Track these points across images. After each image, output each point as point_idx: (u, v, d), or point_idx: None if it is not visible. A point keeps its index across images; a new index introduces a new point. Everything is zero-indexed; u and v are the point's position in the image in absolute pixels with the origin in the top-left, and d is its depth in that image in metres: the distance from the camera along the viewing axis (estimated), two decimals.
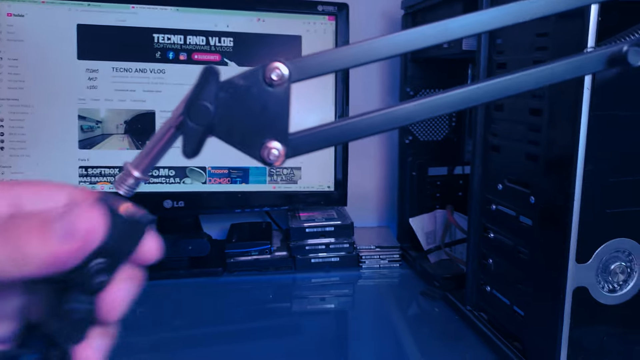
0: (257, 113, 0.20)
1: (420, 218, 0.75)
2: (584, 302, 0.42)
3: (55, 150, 0.70)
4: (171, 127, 0.20)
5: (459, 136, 0.78)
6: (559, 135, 0.42)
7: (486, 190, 0.54)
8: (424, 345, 0.54)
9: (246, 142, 0.20)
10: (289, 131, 0.21)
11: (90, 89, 0.71)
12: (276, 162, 0.20)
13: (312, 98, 0.77)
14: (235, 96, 0.19)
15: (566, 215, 0.41)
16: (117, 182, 0.21)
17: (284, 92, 0.19)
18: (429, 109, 0.22)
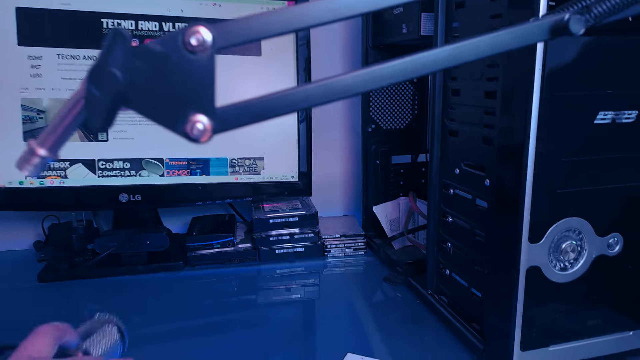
0: (179, 83, 0.18)
1: (384, 206, 0.75)
2: (537, 281, 0.43)
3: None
4: (81, 99, 0.19)
5: (422, 124, 0.78)
6: (512, 118, 0.43)
7: (444, 175, 0.55)
8: (386, 330, 0.54)
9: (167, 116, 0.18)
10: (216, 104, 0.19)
11: (34, 77, 0.67)
12: (202, 138, 0.19)
13: (272, 82, 0.75)
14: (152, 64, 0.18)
15: (518, 196, 0.41)
16: (20, 161, 0.19)
17: (208, 60, 0.18)
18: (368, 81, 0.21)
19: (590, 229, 0.43)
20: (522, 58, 0.40)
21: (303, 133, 0.76)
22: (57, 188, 0.69)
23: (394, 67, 0.21)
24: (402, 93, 0.77)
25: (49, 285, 0.65)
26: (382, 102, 0.76)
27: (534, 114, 0.40)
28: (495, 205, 0.45)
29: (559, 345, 0.45)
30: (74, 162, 0.70)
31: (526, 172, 0.41)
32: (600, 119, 0.42)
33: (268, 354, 0.50)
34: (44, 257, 0.67)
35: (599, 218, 0.43)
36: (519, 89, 0.41)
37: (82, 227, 0.70)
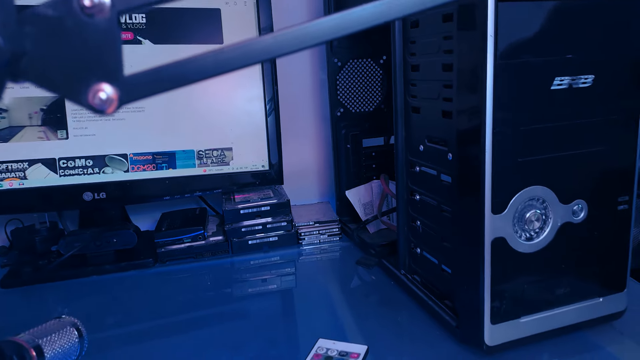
0: (78, 50, 0.17)
1: (356, 190, 0.74)
2: (503, 253, 0.42)
3: None
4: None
5: (391, 106, 0.77)
6: (468, 89, 0.42)
7: (410, 153, 0.54)
8: (360, 314, 0.53)
9: (68, 87, 0.17)
10: (122, 71, 0.18)
11: None
12: (108, 109, 0.17)
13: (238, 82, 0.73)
14: (45, 30, 0.16)
15: (479, 168, 0.41)
16: None
17: (109, 23, 0.16)
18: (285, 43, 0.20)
19: (554, 196, 0.43)
20: (475, 27, 0.39)
21: (272, 123, 0.74)
22: (17, 190, 0.67)
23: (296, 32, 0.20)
24: (370, 75, 0.76)
25: (14, 291, 0.62)
26: (349, 85, 0.75)
27: (489, 83, 0.39)
28: (459, 179, 0.45)
29: (530, 316, 0.44)
30: (33, 162, 0.67)
31: (485, 143, 0.40)
32: (557, 85, 0.41)
33: (241, 344, 0.49)
34: (6, 263, 0.65)
35: (561, 185, 0.43)
36: (473, 59, 0.40)
37: (46, 229, 0.68)
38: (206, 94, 0.72)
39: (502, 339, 0.44)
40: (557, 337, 0.46)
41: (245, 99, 0.74)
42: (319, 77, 0.86)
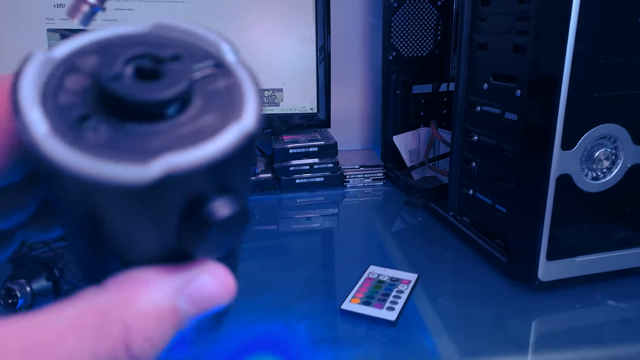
0: None
1: (403, 136, 0.74)
2: (567, 190, 0.42)
3: None
4: None
5: (444, 51, 0.75)
6: (548, 20, 0.40)
7: (471, 93, 0.53)
8: (408, 249, 0.54)
9: None
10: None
11: (58, 7, 0.65)
12: None
13: (290, 14, 0.72)
14: None
15: (552, 102, 0.40)
16: (71, 10, 0.19)
17: None
18: None
19: (627, 136, 0.42)
20: None
21: (322, 70, 0.74)
22: None
23: None
24: (425, 18, 0.74)
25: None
26: (403, 28, 0.73)
27: (574, 12, 0.38)
28: (527, 115, 0.44)
29: (586, 256, 0.44)
30: None
31: (561, 76, 0.39)
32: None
33: (294, 267, 0.51)
34: None
35: (637, 125, 0.42)
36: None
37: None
38: (259, 34, 0.72)
39: (555, 275, 0.44)
40: (612, 279, 0.46)
41: (297, 41, 0.73)
42: (370, 23, 0.84)
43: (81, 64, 0.13)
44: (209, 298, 0.14)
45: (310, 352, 0.38)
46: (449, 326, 0.41)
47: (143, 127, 0.12)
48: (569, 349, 0.40)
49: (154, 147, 0.12)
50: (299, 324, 0.41)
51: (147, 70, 0.13)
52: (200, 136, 0.12)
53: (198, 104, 0.13)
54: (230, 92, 0.13)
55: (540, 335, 0.42)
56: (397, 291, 0.44)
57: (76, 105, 0.12)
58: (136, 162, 0.11)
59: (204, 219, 0.12)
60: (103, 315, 0.12)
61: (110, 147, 0.11)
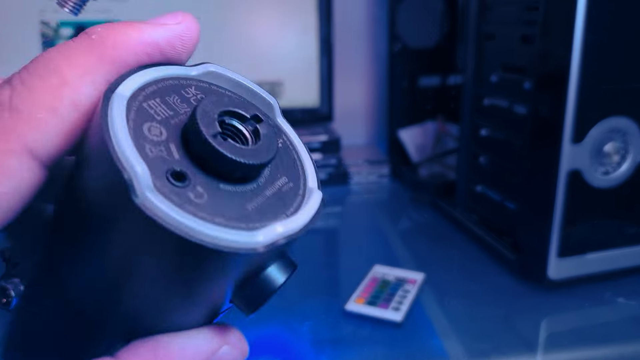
0: None
1: (409, 130, 0.73)
2: (577, 186, 0.41)
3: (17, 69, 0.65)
4: None
5: (452, 43, 0.73)
6: (557, 9, 0.39)
7: (479, 85, 0.51)
8: (413, 247, 0.53)
9: None
10: None
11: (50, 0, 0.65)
12: None
13: (291, 2, 0.71)
14: None
15: (561, 93, 0.38)
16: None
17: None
18: None
19: (637, 130, 0.40)
20: None
21: (325, 64, 0.72)
22: None
23: None
24: (432, 8, 0.72)
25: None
26: (409, 18, 0.72)
27: (583, 2, 0.36)
28: (536, 108, 0.42)
29: (597, 252, 0.43)
30: None
31: (570, 66, 0.38)
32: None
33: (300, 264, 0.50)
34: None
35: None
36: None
37: None
38: (258, 24, 0.71)
39: (566, 273, 0.43)
40: (623, 277, 0.45)
41: (298, 31, 0.72)
42: (374, 13, 0.82)
43: (150, 110, 0.12)
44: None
45: (313, 354, 0.38)
46: (457, 326, 0.40)
47: (235, 187, 0.12)
48: (579, 348, 0.39)
49: (252, 210, 0.12)
50: (302, 325, 0.40)
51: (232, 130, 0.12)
52: (286, 202, 0.13)
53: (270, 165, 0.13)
54: (287, 152, 0.14)
55: (549, 334, 0.41)
56: (403, 291, 0.43)
57: (165, 160, 0.11)
58: (245, 229, 0.11)
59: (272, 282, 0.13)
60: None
61: (215, 211, 0.11)
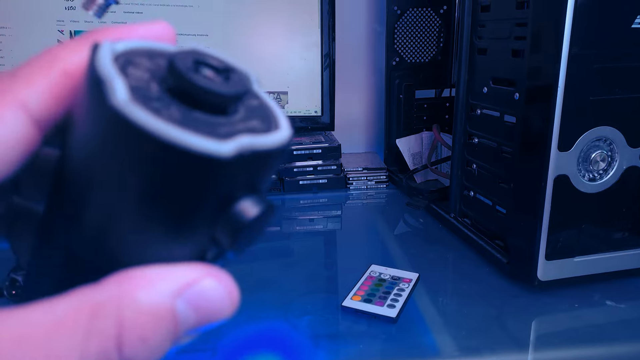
0: None
1: (406, 139, 0.75)
2: (564, 191, 0.43)
3: None
4: None
5: (447, 57, 0.77)
6: (544, 25, 0.42)
7: (471, 96, 0.54)
8: (409, 249, 0.55)
9: None
10: None
11: (69, 10, 0.67)
12: None
13: (296, 19, 0.74)
14: None
15: (549, 104, 0.41)
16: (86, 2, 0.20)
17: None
18: None
19: (622, 138, 0.43)
20: None
21: (327, 76, 0.75)
22: None
23: None
24: (428, 25, 0.75)
25: None
26: (407, 34, 0.75)
27: (569, 18, 0.39)
28: (524, 118, 0.45)
29: (585, 256, 0.45)
30: None
31: (557, 79, 0.40)
32: (638, 23, 0.40)
33: (294, 265, 0.52)
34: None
35: (631, 128, 0.43)
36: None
37: None
38: (266, 38, 0.74)
39: (554, 275, 0.45)
40: (610, 280, 0.47)
41: (302, 46, 0.75)
42: (373, 29, 0.85)
43: (138, 61, 0.14)
44: (210, 304, 0.13)
45: (311, 348, 0.39)
46: (449, 324, 0.42)
47: (209, 116, 0.13)
48: (568, 348, 0.40)
49: (223, 132, 0.13)
50: (300, 320, 0.42)
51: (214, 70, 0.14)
52: (256, 131, 0.14)
53: (243, 111, 0.14)
54: (263, 109, 0.15)
55: (539, 333, 0.42)
56: (398, 289, 0.45)
57: (147, 89, 0.13)
58: (215, 138, 0.12)
59: (244, 213, 0.13)
60: (97, 312, 0.12)
61: (185, 124, 0.12)
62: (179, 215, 0.13)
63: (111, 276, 0.13)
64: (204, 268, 0.13)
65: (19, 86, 0.13)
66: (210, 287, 0.13)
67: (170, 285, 0.12)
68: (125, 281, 0.12)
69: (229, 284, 0.13)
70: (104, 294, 0.12)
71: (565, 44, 0.40)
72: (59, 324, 0.11)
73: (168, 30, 0.15)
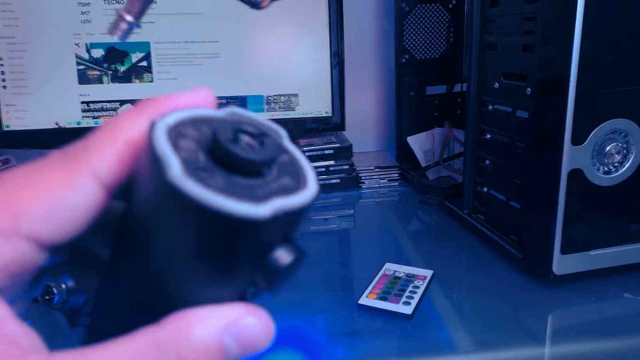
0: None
1: (418, 136, 0.75)
2: (579, 184, 0.43)
3: (56, 87, 0.70)
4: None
5: (457, 53, 0.76)
6: (554, 18, 0.42)
7: (483, 92, 0.54)
8: (423, 246, 0.55)
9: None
10: None
11: (84, 23, 0.69)
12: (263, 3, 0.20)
13: (304, 21, 0.75)
14: None
15: (561, 98, 0.41)
16: (112, 28, 0.21)
17: None
18: None
19: (638, 130, 0.43)
20: None
21: (336, 75, 0.76)
22: None
23: None
24: (437, 21, 0.75)
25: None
26: (415, 31, 0.75)
27: (580, 10, 0.39)
28: (536, 112, 0.45)
29: (600, 250, 0.45)
30: (124, 102, 0.73)
31: (569, 72, 0.40)
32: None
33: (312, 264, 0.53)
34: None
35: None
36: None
37: None
38: (275, 41, 0.74)
39: (570, 269, 0.45)
40: (627, 273, 0.46)
41: (311, 47, 0.75)
42: (382, 26, 0.86)
43: (187, 132, 0.16)
44: (252, 338, 0.16)
45: (329, 345, 0.40)
46: (465, 319, 0.42)
47: (247, 180, 0.15)
48: (585, 341, 0.40)
49: (259, 195, 0.15)
50: (317, 318, 0.43)
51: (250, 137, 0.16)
52: (288, 191, 0.16)
53: (276, 170, 0.17)
54: (293, 165, 0.17)
55: (556, 328, 0.42)
56: (413, 287, 0.45)
57: (194, 160, 0.15)
58: (253, 202, 0.14)
59: (279, 261, 0.16)
60: (161, 349, 0.14)
61: (228, 191, 0.14)
62: (224, 266, 0.16)
63: (169, 317, 0.15)
64: (245, 307, 0.16)
65: (90, 156, 0.16)
66: (251, 324, 0.16)
67: (218, 323, 0.15)
68: (181, 321, 0.15)
69: (266, 320, 0.16)
70: (165, 334, 0.14)
71: (576, 36, 0.39)
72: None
73: (209, 96, 0.18)
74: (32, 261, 0.15)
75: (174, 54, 0.72)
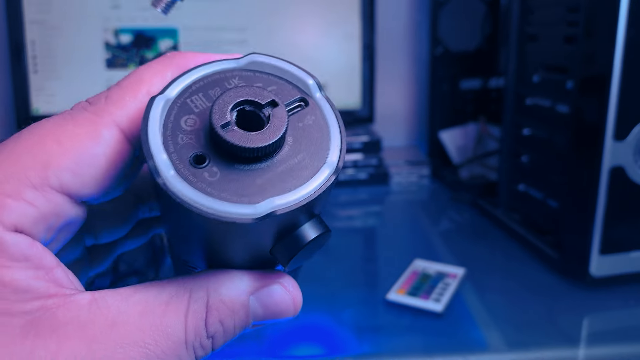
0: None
1: (451, 131, 0.74)
2: (620, 183, 0.41)
3: (83, 72, 0.72)
4: None
5: (493, 46, 0.74)
6: (598, 10, 0.40)
7: (521, 85, 0.52)
8: (455, 247, 0.54)
9: None
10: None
11: (114, 9, 0.71)
12: None
13: (335, 10, 0.74)
14: None
15: (604, 92, 0.39)
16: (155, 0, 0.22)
17: None
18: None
19: None
20: None
21: (366, 68, 0.75)
22: None
23: None
24: (473, 13, 0.73)
25: None
26: (451, 22, 0.73)
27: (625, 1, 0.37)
28: (579, 106, 0.43)
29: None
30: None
31: (613, 65, 0.38)
32: None
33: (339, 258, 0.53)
34: None
35: None
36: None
37: None
38: (304, 31, 0.74)
39: (608, 271, 0.43)
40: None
41: (341, 37, 0.75)
42: (415, 18, 0.84)
43: (191, 104, 0.15)
44: (276, 305, 0.17)
45: (355, 340, 0.40)
46: (497, 319, 0.41)
47: (248, 166, 0.15)
48: (621, 346, 0.39)
49: (258, 185, 0.14)
50: (345, 313, 0.43)
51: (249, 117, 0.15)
52: (294, 175, 0.15)
53: (290, 143, 0.15)
54: (317, 129, 0.16)
55: (591, 331, 0.41)
56: (444, 284, 0.45)
57: (192, 146, 0.15)
58: (246, 203, 0.14)
59: (296, 241, 0.15)
60: (193, 294, 0.16)
61: (224, 187, 0.14)
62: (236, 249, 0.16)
63: (204, 272, 0.16)
64: (275, 276, 0.17)
65: (113, 108, 0.16)
66: (277, 292, 0.17)
67: (245, 285, 0.16)
68: (213, 277, 0.16)
69: (294, 291, 0.17)
70: (198, 284, 0.16)
71: (621, 28, 0.38)
72: (169, 303, 0.15)
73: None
74: (67, 215, 0.15)
75: (202, 40, 0.73)
